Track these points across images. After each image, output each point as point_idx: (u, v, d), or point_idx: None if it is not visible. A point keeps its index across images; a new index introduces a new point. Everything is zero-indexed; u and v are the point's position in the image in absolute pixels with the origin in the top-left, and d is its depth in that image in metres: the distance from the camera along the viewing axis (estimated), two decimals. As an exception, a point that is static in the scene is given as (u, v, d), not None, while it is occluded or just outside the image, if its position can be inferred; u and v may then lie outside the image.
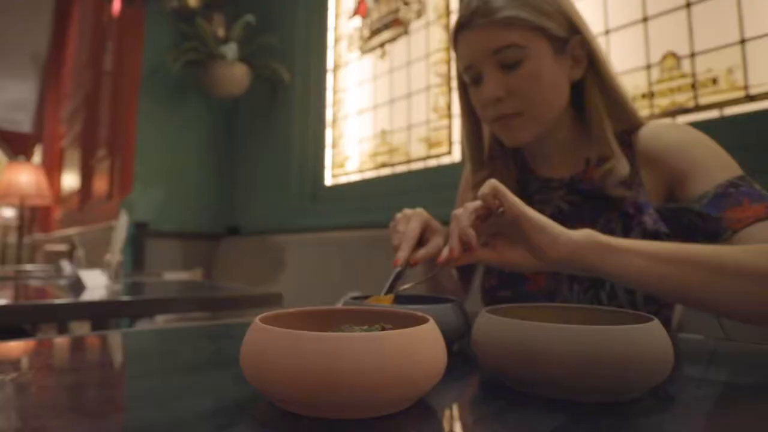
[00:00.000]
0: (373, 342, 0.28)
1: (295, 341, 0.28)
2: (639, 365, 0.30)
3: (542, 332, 0.31)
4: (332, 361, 0.27)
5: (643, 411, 0.31)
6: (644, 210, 0.64)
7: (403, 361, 0.28)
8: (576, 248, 0.49)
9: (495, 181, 0.51)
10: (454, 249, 0.51)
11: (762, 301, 0.49)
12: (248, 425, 0.29)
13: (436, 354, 0.30)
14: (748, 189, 0.58)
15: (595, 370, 0.30)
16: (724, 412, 0.34)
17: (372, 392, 0.27)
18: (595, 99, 0.69)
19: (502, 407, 0.33)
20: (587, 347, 0.30)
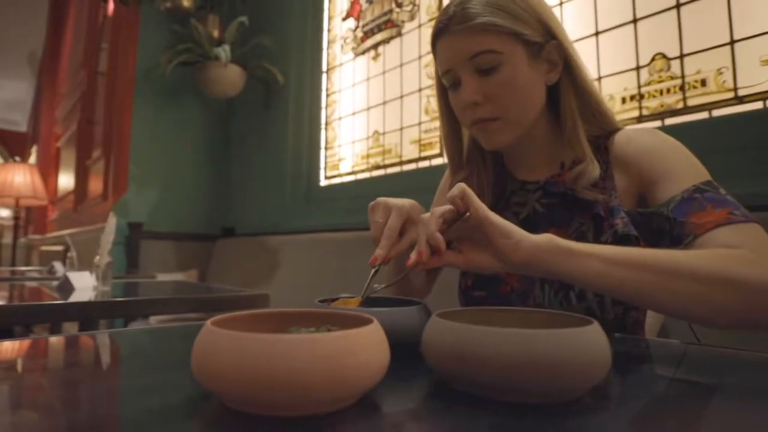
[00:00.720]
0: (306, 343, 0.28)
1: (236, 342, 0.29)
2: (572, 368, 0.30)
3: (478, 335, 0.32)
4: (269, 361, 0.28)
5: (578, 412, 0.32)
6: (616, 213, 0.64)
7: (338, 361, 0.28)
8: (537, 252, 0.50)
9: (464, 185, 0.52)
10: (423, 253, 0.52)
11: (713, 303, 0.50)
12: (195, 422, 0.30)
13: (375, 355, 0.31)
14: (713, 194, 0.59)
15: (527, 372, 0.30)
16: (656, 412, 0.34)
17: (307, 391, 0.28)
18: (570, 102, 0.69)
19: (441, 407, 0.33)
20: (519, 350, 0.30)
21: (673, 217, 0.58)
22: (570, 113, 0.69)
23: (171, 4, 2.53)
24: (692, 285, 0.50)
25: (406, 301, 0.53)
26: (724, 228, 0.55)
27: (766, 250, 0.53)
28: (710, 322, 0.52)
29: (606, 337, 0.34)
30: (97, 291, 1.28)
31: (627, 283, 0.51)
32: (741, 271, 0.49)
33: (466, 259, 0.54)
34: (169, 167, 2.97)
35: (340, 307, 0.47)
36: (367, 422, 0.30)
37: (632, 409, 0.34)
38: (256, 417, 0.30)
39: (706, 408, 0.35)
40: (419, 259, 0.52)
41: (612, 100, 1.48)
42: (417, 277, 0.81)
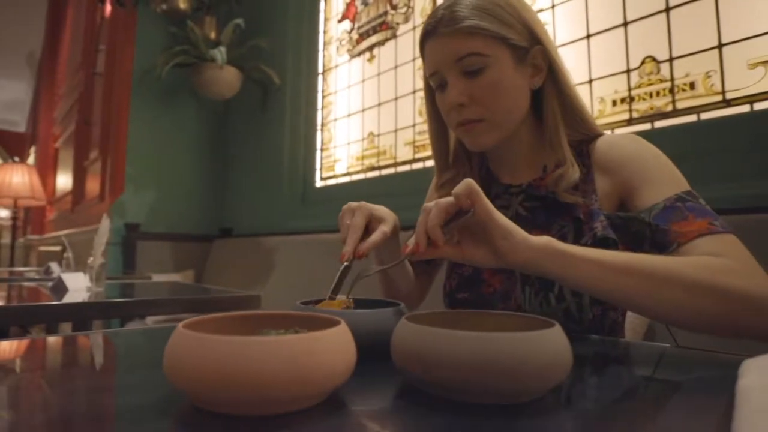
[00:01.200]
0: (266, 345, 0.29)
1: (200, 344, 0.30)
2: (528, 370, 0.31)
3: (437, 338, 0.33)
4: (230, 362, 0.29)
5: (538, 412, 0.33)
6: (595, 217, 0.65)
7: (298, 362, 0.30)
8: (534, 254, 0.52)
9: (471, 182, 0.52)
10: (420, 244, 0.53)
11: (697, 310, 0.52)
12: (164, 421, 0.32)
13: (339, 356, 0.32)
14: (694, 204, 0.60)
15: (484, 374, 0.31)
16: (613, 411, 0.36)
17: (268, 391, 0.29)
18: (553, 107, 0.71)
19: (405, 407, 0.35)
20: (475, 353, 0.31)
21: (655, 224, 0.60)
22: (552, 117, 0.70)
23: (167, 6, 2.54)
24: (679, 292, 0.51)
25: (392, 304, 0.54)
26: (705, 238, 0.56)
27: (746, 260, 0.55)
28: (693, 327, 0.54)
29: (566, 339, 0.35)
30: (90, 292, 1.29)
31: (618, 288, 0.52)
32: (725, 280, 0.51)
33: (462, 252, 0.55)
34: (166, 168, 2.98)
35: (321, 309, 0.48)
36: (330, 421, 0.31)
37: (591, 408, 0.36)
38: (222, 416, 0.31)
39: (664, 407, 0.36)
40: (416, 249, 0.53)
41: (603, 103, 1.50)
42: (403, 281, 0.82)
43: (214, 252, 2.98)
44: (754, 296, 0.51)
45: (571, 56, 1.58)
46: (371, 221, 0.64)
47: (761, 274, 0.53)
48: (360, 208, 0.64)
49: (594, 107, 1.51)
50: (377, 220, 0.65)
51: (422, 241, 0.53)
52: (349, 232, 0.61)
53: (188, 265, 2.99)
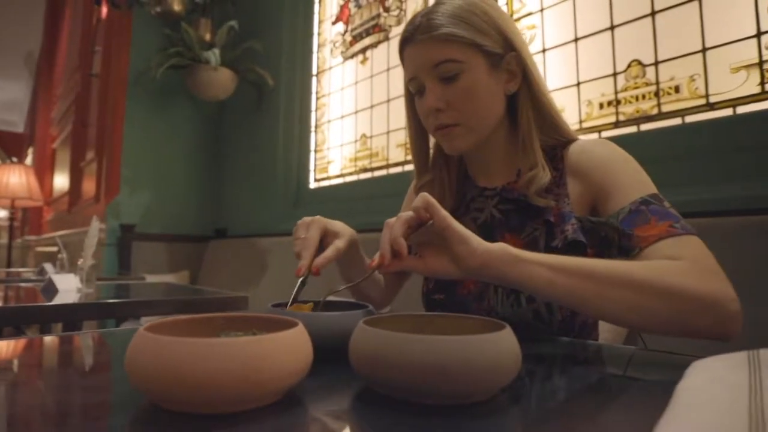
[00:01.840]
0: (216, 346, 0.31)
1: (157, 345, 0.32)
2: (474, 372, 0.32)
3: (386, 340, 0.34)
4: (182, 362, 0.30)
5: (487, 411, 0.34)
6: (567, 220, 0.67)
7: (247, 363, 0.31)
8: (489, 258, 0.53)
9: (427, 195, 0.55)
10: (385, 256, 0.55)
11: (647, 311, 0.53)
12: (121, 417, 0.33)
13: (291, 356, 0.33)
14: (657, 207, 0.61)
15: (432, 375, 0.32)
16: (560, 410, 0.37)
17: (218, 391, 0.30)
18: (527, 111, 0.72)
19: (357, 407, 0.36)
20: (421, 354, 0.32)
21: (621, 228, 0.61)
22: (526, 122, 0.72)
23: (161, 9, 2.55)
24: (630, 295, 0.53)
25: (361, 306, 0.55)
26: (665, 241, 0.58)
27: (700, 261, 0.55)
28: (647, 328, 0.55)
29: (514, 342, 0.36)
30: (81, 293, 1.30)
31: (571, 291, 0.54)
32: (674, 281, 0.52)
33: (425, 264, 0.57)
34: (161, 169, 2.99)
35: (288, 312, 0.49)
36: (283, 420, 0.32)
37: (539, 408, 0.37)
38: (179, 414, 0.32)
39: (609, 407, 0.37)
40: (381, 261, 0.55)
41: (590, 106, 1.51)
42: (373, 289, 0.83)
43: (209, 253, 3.00)
44: (703, 296, 0.52)
45: (560, 59, 1.60)
46: (326, 235, 0.65)
47: (715, 275, 0.54)
48: (314, 222, 0.65)
49: (581, 110, 1.52)
50: (332, 235, 0.66)
51: (387, 254, 0.54)
52: (304, 247, 0.62)
53: (183, 266, 3.01)
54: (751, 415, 0.28)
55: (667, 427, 0.26)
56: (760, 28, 1.17)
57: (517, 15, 1.72)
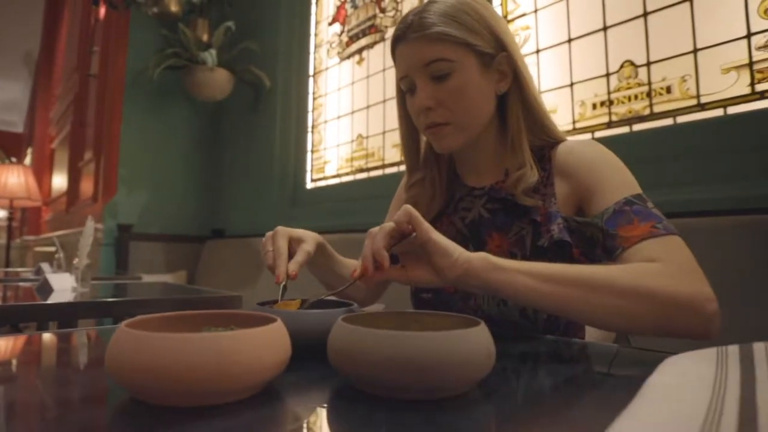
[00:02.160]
0: (194, 341, 0.32)
1: (135, 340, 0.33)
2: (445, 367, 0.33)
3: (360, 336, 0.35)
4: (160, 357, 0.31)
5: (460, 406, 0.34)
6: (553, 219, 0.67)
7: (223, 358, 0.32)
8: (470, 268, 0.54)
9: (410, 208, 0.56)
10: (368, 268, 0.56)
11: (628, 314, 0.54)
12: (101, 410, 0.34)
13: (267, 352, 0.34)
14: (641, 208, 0.62)
15: (405, 370, 0.33)
16: (532, 405, 0.38)
17: (194, 384, 0.31)
18: (517, 112, 0.73)
19: (332, 401, 0.37)
20: (396, 351, 0.33)
21: (606, 228, 0.62)
22: (516, 121, 0.73)
23: (158, 9, 2.56)
24: (610, 299, 0.53)
25: (346, 305, 0.56)
26: (647, 241, 0.58)
27: (680, 263, 0.56)
28: (629, 331, 0.56)
29: (487, 339, 0.37)
30: (76, 292, 1.31)
31: (551, 297, 0.55)
32: (653, 284, 0.53)
33: (408, 274, 0.58)
34: (159, 170, 3.00)
35: (272, 309, 0.50)
36: (258, 412, 0.33)
37: (513, 402, 0.38)
38: (157, 407, 0.33)
39: (578, 402, 0.38)
40: (363, 272, 0.55)
41: (583, 106, 1.52)
42: (357, 292, 0.84)
43: (206, 253, 3.00)
44: (683, 298, 0.52)
45: (554, 60, 1.60)
46: (291, 243, 0.67)
47: (695, 276, 0.55)
48: (278, 233, 0.66)
49: (575, 110, 1.53)
50: (297, 242, 0.67)
51: (369, 264, 0.55)
52: (275, 256, 0.63)
53: (181, 266, 3.01)
54: (710, 408, 0.29)
55: (625, 420, 0.27)
56: (750, 29, 1.18)
57: (512, 16, 1.73)
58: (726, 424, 0.27)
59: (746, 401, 0.30)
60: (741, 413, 0.28)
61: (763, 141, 1.12)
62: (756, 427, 0.26)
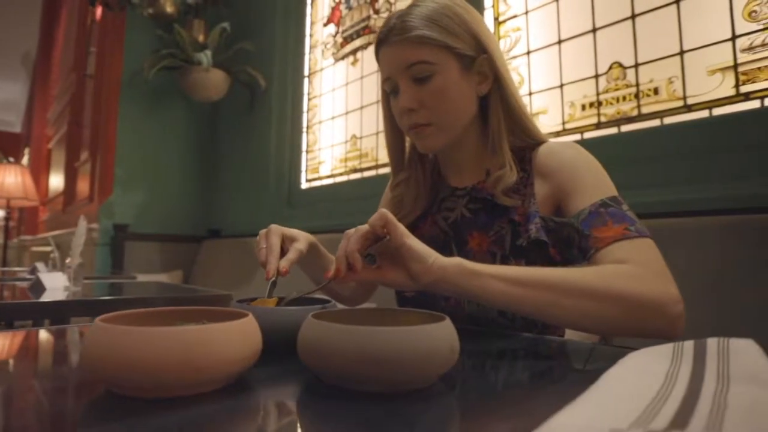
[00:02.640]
0: (162, 335, 0.33)
1: (108, 334, 0.34)
2: (406, 361, 0.34)
3: (327, 331, 0.36)
4: (131, 349, 0.33)
5: (423, 398, 0.36)
6: (531, 219, 0.69)
7: (191, 351, 0.33)
8: (445, 274, 0.55)
9: (386, 212, 0.56)
10: (340, 269, 0.57)
11: (600, 317, 0.55)
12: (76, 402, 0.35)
13: (234, 346, 0.35)
14: (615, 210, 0.64)
15: (368, 364, 0.34)
16: (493, 398, 0.39)
17: (163, 376, 0.33)
18: (497, 112, 0.74)
19: (300, 394, 0.38)
20: (359, 345, 0.34)
21: (581, 229, 0.63)
22: (497, 122, 0.74)
23: (153, 10, 2.57)
24: (581, 301, 0.55)
25: (324, 302, 0.57)
26: (619, 243, 0.60)
27: (650, 266, 0.58)
28: (598, 332, 0.57)
29: (451, 334, 0.38)
30: (68, 291, 1.32)
31: (525, 301, 0.56)
32: (624, 287, 0.55)
33: (382, 275, 0.59)
34: (155, 169, 3.01)
35: (249, 306, 0.52)
36: (225, 403, 0.34)
37: (476, 394, 0.39)
38: (130, 398, 0.34)
39: (539, 395, 0.39)
40: (337, 273, 0.57)
41: (573, 107, 1.53)
42: (344, 289, 0.85)
43: (202, 253, 3.01)
44: (653, 300, 0.54)
45: (544, 61, 1.62)
46: (284, 242, 0.68)
47: (663, 278, 0.57)
48: (271, 231, 0.67)
49: (565, 111, 1.55)
50: (289, 240, 0.68)
51: (342, 266, 0.56)
52: (267, 253, 0.65)
53: (177, 266, 3.02)
54: (655, 397, 0.30)
55: (570, 407, 0.28)
56: (735, 31, 1.19)
57: (503, 17, 1.74)
58: (665, 411, 0.28)
59: (692, 392, 0.31)
60: (683, 402, 0.29)
61: (748, 142, 1.13)
62: (692, 413, 0.27)
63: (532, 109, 1.63)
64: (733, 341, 0.38)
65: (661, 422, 0.26)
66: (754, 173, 1.10)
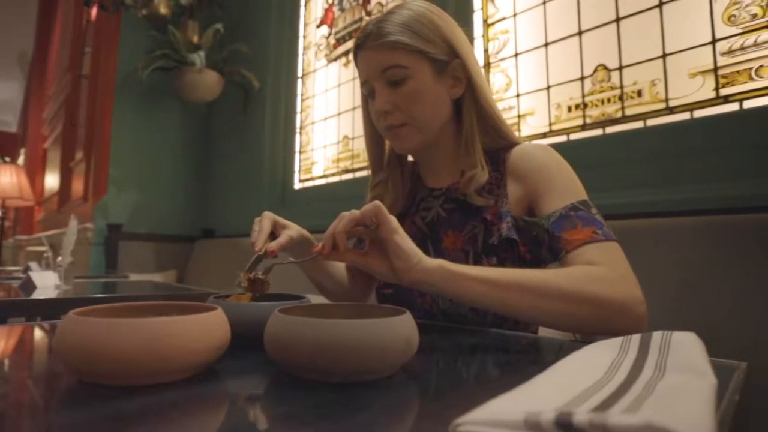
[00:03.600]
0: (130, 326, 0.35)
1: (78, 325, 0.36)
2: (363, 351, 0.36)
3: (289, 324, 0.38)
4: (100, 339, 0.35)
5: (381, 387, 0.38)
6: (503, 218, 0.71)
7: (157, 342, 0.35)
8: (427, 275, 0.58)
9: (380, 205, 0.58)
10: (325, 246, 0.60)
11: (574, 318, 0.59)
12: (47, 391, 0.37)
13: (200, 337, 0.37)
14: (585, 213, 0.66)
15: (326, 354, 0.36)
16: (450, 388, 0.41)
17: (131, 365, 0.35)
18: (471, 114, 0.77)
19: (264, 384, 0.40)
20: (318, 337, 0.36)
21: (552, 230, 0.66)
22: (470, 124, 0.77)
23: (147, 11, 2.58)
24: (557, 304, 0.58)
25: (292, 297, 0.59)
26: (588, 246, 0.63)
27: (617, 268, 0.61)
28: (569, 331, 0.61)
29: (410, 327, 0.40)
30: (59, 290, 1.33)
31: (504, 302, 0.59)
32: (595, 290, 0.58)
33: (367, 262, 0.61)
34: (149, 170, 3.02)
35: (223, 302, 0.54)
36: (191, 391, 0.36)
37: (434, 384, 0.41)
38: (101, 386, 0.36)
39: (492, 385, 0.41)
40: (321, 249, 0.60)
41: (559, 109, 1.55)
42: (328, 281, 0.87)
43: (196, 252, 3.02)
44: (620, 302, 0.58)
45: (532, 63, 1.64)
46: (276, 227, 0.72)
47: (629, 281, 0.60)
48: (264, 216, 0.71)
49: (551, 113, 1.57)
50: (281, 227, 0.72)
51: (327, 244, 0.59)
52: (259, 233, 0.69)
53: (171, 266, 3.03)
54: (594, 384, 0.32)
55: (506, 395, 0.29)
56: (715, 35, 1.22)
57: (492, 20, 1.76)
58: (598, 396, 0.30)
59: (629, 380, 0.33)
60: (618, 389, 0.31)
61: (727, 144, 1.15)
62: (620, 398, 0.29)
63: (520, 110, 1.65)
64: (676, 334, 0.39)
65: (589, 406, 0.28)
66: (737, 175, 1.12)
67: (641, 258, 1.11)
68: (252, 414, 0.35)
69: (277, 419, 0.33)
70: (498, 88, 1.72)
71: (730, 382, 0.37)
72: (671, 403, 0.26)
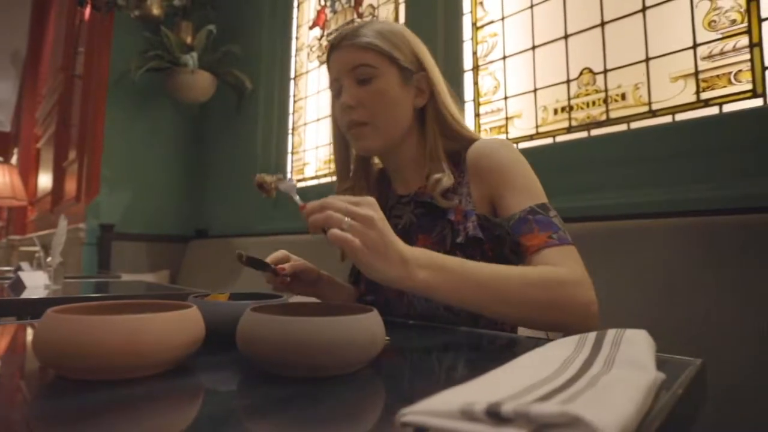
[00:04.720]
0: (106, 323, 0.36)
1: (57, 322, 0.37)
2: (327, 348, 0.38)
3: (258, 321, 0.40)
4: (77, 335, 0.36)
5: (348, 381, 0.39)
6: (469, 217, 0.74)
7: (132, 337, 0.36)
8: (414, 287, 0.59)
9: (373, 200, 0.59)
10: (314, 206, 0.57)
11: (542, 319, 0.63)
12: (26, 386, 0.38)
13: (174, 334, 0.39)
14: (542, 217, 0.69)
15: (293, 351, 0.38)
16: (413, 381, 0.43)
17: (104, 359, 0.36)
18: (433, 124, 0.82)
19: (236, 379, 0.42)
20: (286, 333, 0.38)
21: (512, 233, 0.70)
22: (432, 133, 0.81)
23: (140, 12, 2.59)
24: (519, 307, 0.62)
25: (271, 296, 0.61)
26: (546, 250, 0.66)
27: (575, 271, 0.64)
28: (536, 329, 0.63)
29: (376, 325, 0.41)
30: (48, 289, 1.34)
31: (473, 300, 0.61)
32: (557, 294, 0.62)
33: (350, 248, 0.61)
34: (142, 170, 3.02)
35: (199, 301, 0.55)
36: (164, 384, 0.37)
37: (399, 378, 0.42)
38: (79, 381, 0.37)
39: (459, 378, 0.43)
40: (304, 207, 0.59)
41: (545, 111, 1.57)
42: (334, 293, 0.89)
43: (189, 252, 3.03)
44: (577, 303, 0.62)
45: (520, 65, 1.66)
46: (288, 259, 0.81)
47: (585, 284, 0.64)
48: None
49: (538, 115, 1.59)
50: None
51: (315, 206, 0.58)
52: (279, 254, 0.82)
53: (164, 266, 3.04)
54: (545, 378, 0.34)
55: (453, 388, 0.31)
56: (696, 40, 1.24)
57: (481, 23, 1.78)
58: (543, 389, 0.31)
59: (577, 374, 0.35)
60: (564, 383, 0.33)
61: (708, 146, 1.18)
62: (562, 391, 0.30)
63: (508, 113, 1.67)
64: (629, 332, 0.41)
65: (530, 398, 0.29)
66: (717, 177, 1.14)
67: (625, 258, 1.14)
68: (216, 406, 0.36)
69: (239, 411, 0.34)
70: (486, 91, 1.74)
71: (679, 377, 0.39)
72: (602, 396, 0.28)
